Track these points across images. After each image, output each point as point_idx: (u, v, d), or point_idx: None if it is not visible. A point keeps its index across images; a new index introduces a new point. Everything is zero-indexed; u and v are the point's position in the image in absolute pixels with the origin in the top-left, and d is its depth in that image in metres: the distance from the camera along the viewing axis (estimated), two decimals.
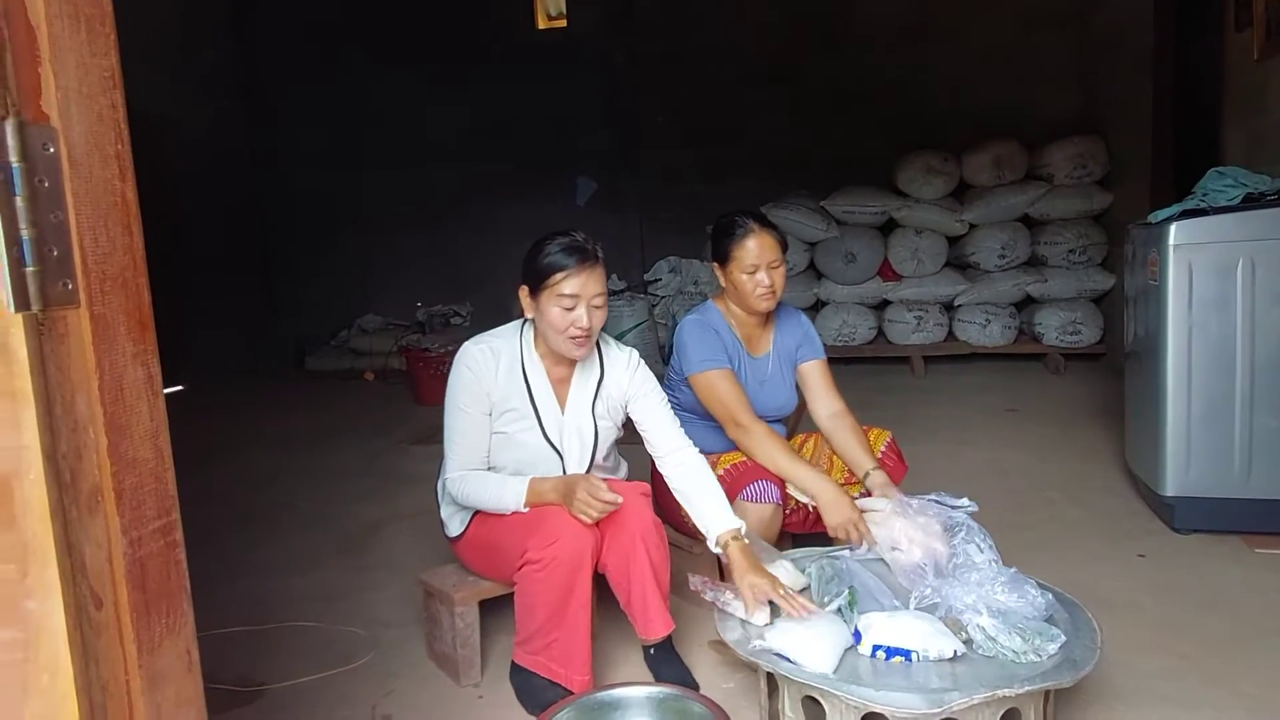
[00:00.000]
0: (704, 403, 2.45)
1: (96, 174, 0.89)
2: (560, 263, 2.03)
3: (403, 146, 7.31)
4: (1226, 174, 3.03)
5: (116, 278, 0.89)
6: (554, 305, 2.03)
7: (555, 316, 2.04)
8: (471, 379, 2.11)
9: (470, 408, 2.12)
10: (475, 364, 2.12)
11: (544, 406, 2.16)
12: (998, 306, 5.97)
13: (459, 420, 2.13)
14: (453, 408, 2.13)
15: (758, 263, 2.41)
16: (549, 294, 2.04)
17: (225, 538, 3.39)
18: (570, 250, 2.04)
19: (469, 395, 2.12)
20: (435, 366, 5.80)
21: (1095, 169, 5.82)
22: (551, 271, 2.03)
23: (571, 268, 2.02)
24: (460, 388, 2.12)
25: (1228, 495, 2.87)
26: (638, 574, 2.04)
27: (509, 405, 2.13)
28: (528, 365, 2.16)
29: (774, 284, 2.43)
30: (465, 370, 2.12)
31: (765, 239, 2.42)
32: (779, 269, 2.44)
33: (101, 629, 0.87)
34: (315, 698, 2.20)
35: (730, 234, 2.45)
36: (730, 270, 2.46)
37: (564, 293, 2.02)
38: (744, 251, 2.42)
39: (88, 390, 0.86)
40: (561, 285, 2.02)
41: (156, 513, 0.92)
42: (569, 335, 2.05)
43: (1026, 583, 1.82)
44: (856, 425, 2.48)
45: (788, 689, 1.76)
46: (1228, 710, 1.94)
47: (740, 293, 2.46)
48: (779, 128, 6.80)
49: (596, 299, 2.05)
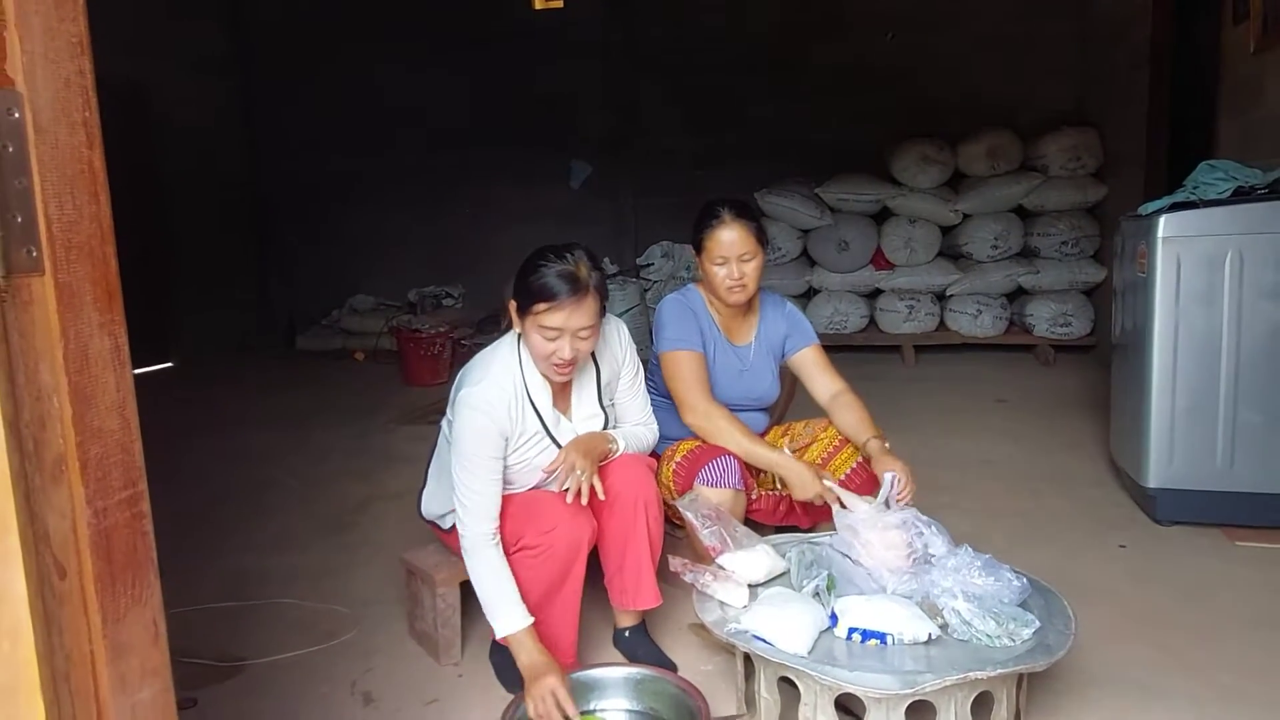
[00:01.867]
0: (666, 381, 2.42)
1: (63, 140, 0.88)
2: (546, 292, 1.86)
3: (397, 127, 7.27)
4: (1218, 167, 3.02)
5: (83, 246, 0.89)
6: (538, 335, 1.91)
7: (537, 344, 1.92)
8: (488, 425, 1.93)
9: (486, 456, 1.94)
10: (487, 405, 1.94)
11: (552, 423, 2.06)
12: (989, 297, 5.97)
13: (473, 472, 1.93)
14: (467, 457, 1.94)
15: (727, 255, 2.36)
16: (533, 320, 1.90)
17: (211, 514, 3.39)
18: (562, 277, 1.86)
19: (485, 444, 1.94)
20: (426, 347, 5.79)
21: (1090, 161, 5.81)
22: (539, 298, 1.88)
23: (559, 299, 1.86)
24: (474, 437, 1.93)
25: (1210, 488, 2.88)
26: (635, 543, 2.05)
27: (525, 437, 2.02)
28: (531, 388, 2.02)
29: (744, 277, 2.37)
30: (481, 418, 1.93)
31: (738, 231, 2.36)
32: (751, 262, 2.38)
33: (65, 598, 0.87)
34: (295, 674, 2.21)
35: (705, 223, 2.40)
36: (703, 260, 2.42)
37: (547, 325, 1.88)
38: (715, 243, 2.37)
39: (51, 359, 0.85)
40: (544, 317, 1.87)
41: (123, 483, 0.91)
42: (551, 364, 1.94)
43: (1001, 567, 1.83)
44: (857, 400, 2.45)
45: (764, 670, 1.77)
46: (1202, 699, 1.96)
47: (711, 282, 2.43)
48: (776, 113, 6.78)
49: (583, 331, 1.90)
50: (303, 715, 2.02)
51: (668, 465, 2.36)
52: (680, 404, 2.39)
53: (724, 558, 2.02)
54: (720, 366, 2.50)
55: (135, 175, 6.12)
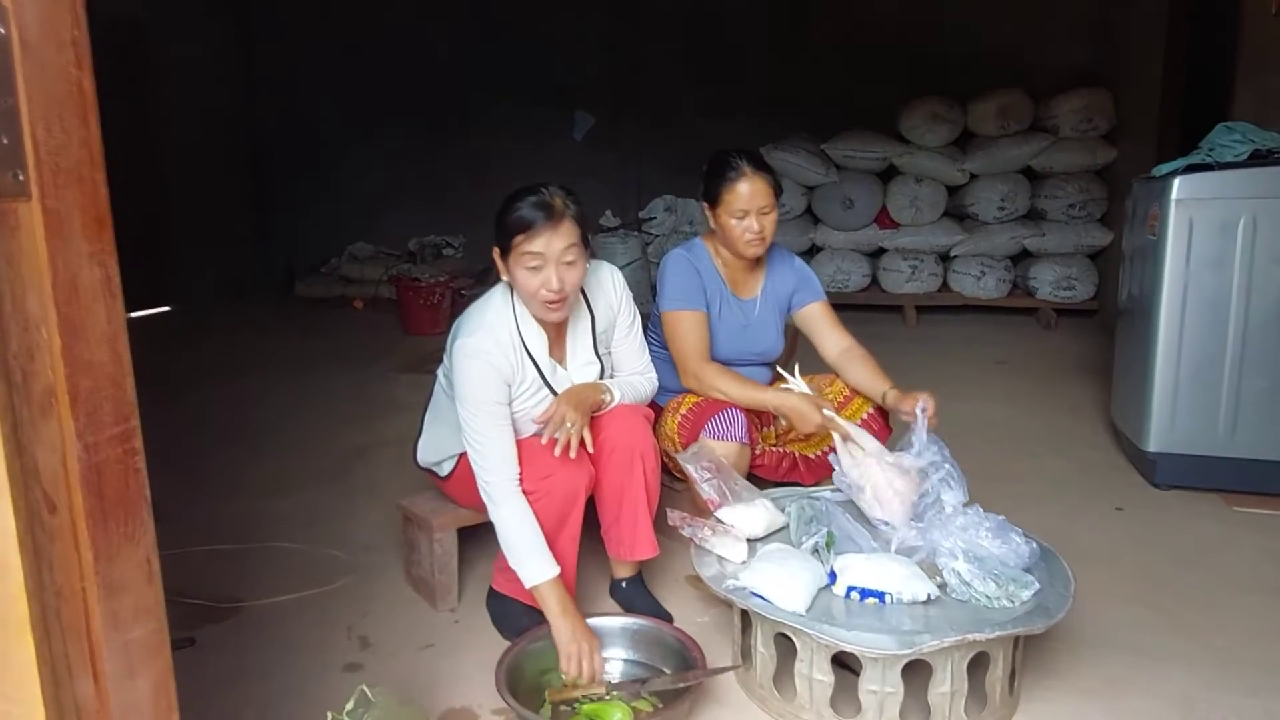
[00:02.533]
0: (667, 340, 2.41)
1: (50, 60, 0.84)
2: (522, 222, 1.87)
3: (400, 75, 7.13)
4: (1235, 129, 2.96)
5: (71, 171, 0.85)
6: (521, 267, 1.89)
7: (524, 281, 1.90)
8: (489, 371, 1.93)
9: (491, 402, 1.93)
10: (485, 354, 1.93)
11: (549, 372, 2.05)
12: (994, 259, 5.92)
13: (482, 421, 1.92)
14: (475, 405, 1.93)
15: (748, 208, 2.32)
16: (515, 255, 1.89)
17: (211, 459, 3.38)
18: (536, 206, 1.87)
19: (489, 389, 1.93)
20: (425, 296, 5.75)
21: (1101, 123, 5.72)
22: (516, 230, 1.87)
23: (536, 225, 1.85)
24: (477, 384, 1.93)
25: (1210, 453, 2.88)
26: (631, 493, 2.04)
27: (523, 385, 2.01)
28: (526, 337, 2.01)
29: (763, 230, 2.34)
30: (483, 365, 1.93)
31: (758, 183, 2.32)
32: (770, 214, 2.35)
33: (56, 534, 0.85)
34: (292, 617, 2.21)
35: (722, 175, 2.35)
36: (719, 213, 2.37)
37: (528, 250, 1.87)
38: (734, 195, 2.32)
39: (40, 288, 0.82)
40: (524, 245, 1.87)
41: (114, 419, 0.89)
42: (541, 299, 1.91)
43: (1012, 530, 1.82)
44: (868, 354, 2.43)
45: (760, 626, 1.77)
46: (1196, 662, 1.96)
47: (728, 236, 2.38)
48: (782, 67, 6.65)
49: (567, 255, 1.89)
50: (300, 657, 2.03)
51: (673, 417, 2.34)
52: (679, 368, 2.39)
53: (723, 511, 2.01)
54: (725, 321, 2.47)
55: (133, 117, 6.01)
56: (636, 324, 2.23)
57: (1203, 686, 1.87)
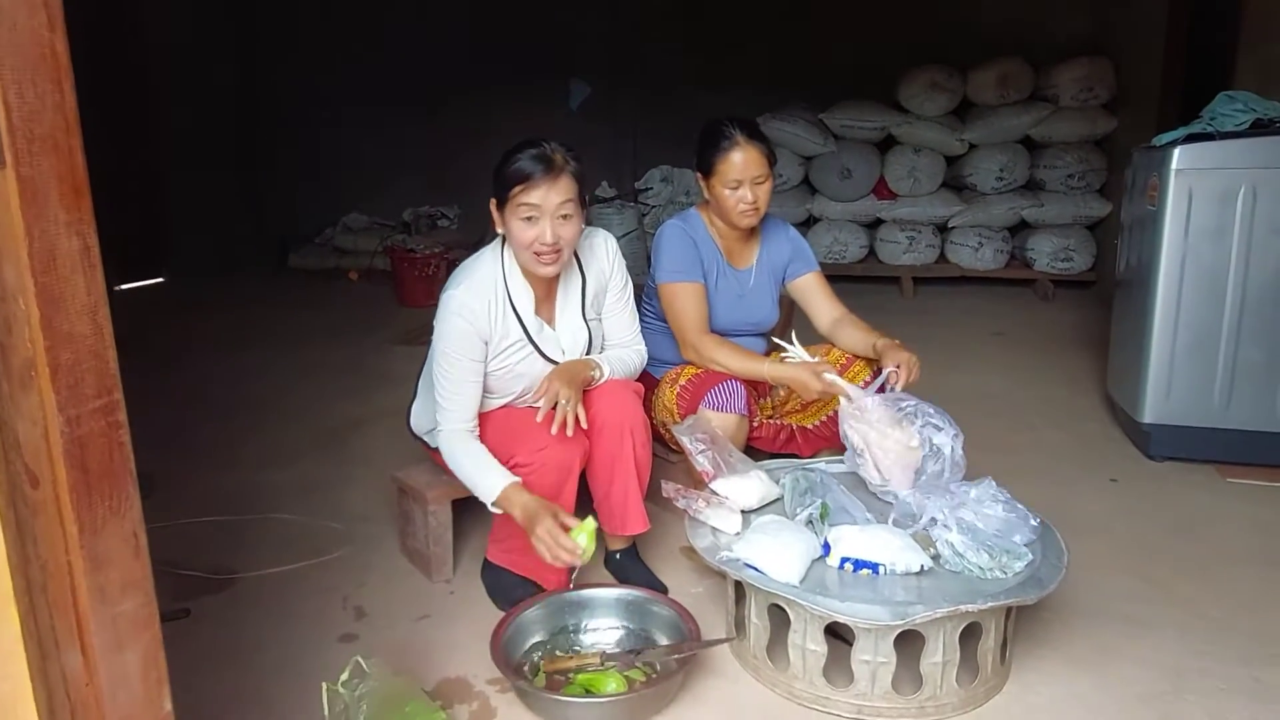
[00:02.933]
0: (665, 312, 2.40)
1: (21, 22, 0.81)
2: (520, 173, 1.89)
3: (395, 45, 7.02)
4: (1237, 98, 2.93)
5: (46, 138, 0.83)
6: (517, 219, 1.91)
7: (519, 232, 1.92)
8: (467, 328, 1.95)
9: (465, 358, 1.97)
10: (468, 311, 1.96)
11: (535, 330, 2.06)
12: (991, 230, 5.89)
13: (453, 372, 1.97)
14: (445, 359, 1.97)
15: (741, 178, 2.30)
16: (512, 206, 1.91)
17: (206, 430, 3.37)
18: (535, 159, 1.89)
19: (465, 345, 1.96)
20: (420, 268, 5.72)
21: (1102, 92, 5.66)
22: (514, 182, 1.89)
23: (534, 177, 1.88)
24: (454, 338, 1.96)
25: (1204, 425, 2.88)
26: (622, 469, 2.04)
27: (506, 341, 2.02)
28: (513, 292, 2.02)
29: (757, 200, 2.32)
30: (458, 320, 1.95)
31: (751, 153, 2.29)
32: (764, 184, 2.32)
33: (39, 508, 0.84)
34: (288, 588, 2.22)
35: (715, 144, 2.32)
36: (713, 183, 2.35)
37: (525, 202, 1.89)
38: (728, 165, 2.30)
39: (16, 258, 0.80)
40: (521, 196, 1.89)
41: (96, 391, 0.87)
42: (534, 251, 1.92)
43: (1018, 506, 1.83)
44: (858, 320, 2.44)
45: (754, 597, 1.77)
46: (1188, 631, 1.98)
47: (722, 206, 2.36)
48: (780, 37, 6.56)
49: (563, 209, 1.91)
50: (295, 628, 2.04)
51: (671, 389, 2.33)
52: (678, 340, 2.38)
53: (718, 483, 2.01)
54: (721, 291, 2.46)
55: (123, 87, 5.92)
56: (628, 293, 2.23)
57: (1194, 655, 1.88)
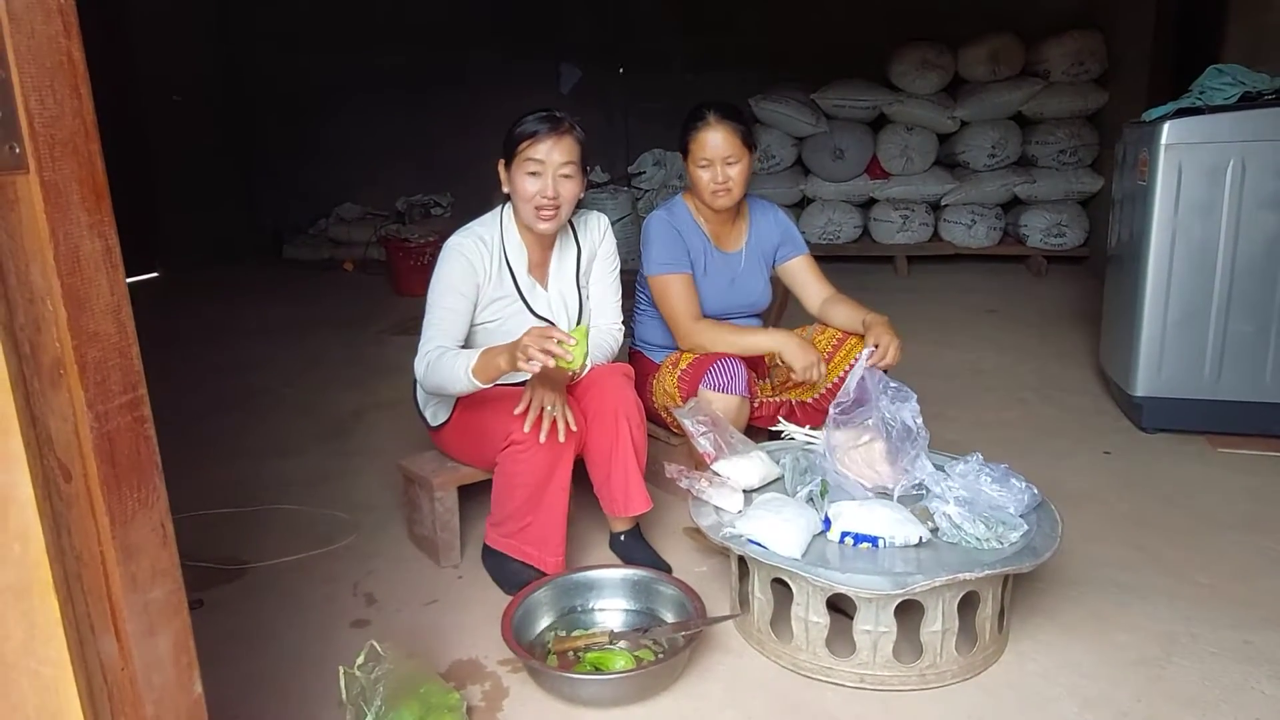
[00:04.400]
0: (657, 304, 2.45)
1: (39, 30, 0.84)
2: (529, 130, 2.03)
3: (383, 30, 7.00)
4: (1226, 72, 2.96)
5: (67, 143, 0.85)
6: (522, 173, 2.03)
7: (522, 186, 2.04)
8: (466, 266, 2.07)
9: (455, 291, 2.07)
10: (469, 252, 2.08)
11: (527, 288, 2.17)
12: (984, 207, 5.92)
13: (444, 302, 2.06)
14: (438, 293, 2.07)
15: (711, 158, 2.33)
16: (518, 162, 2.04)
17: (205, 422, 3.40)
18: (542, 119, 2.04)
19: (461, 280, 2.07)
20: (415, 257, 5.73)
21: (1093, 67, 5.68)
22: (521, 139, 2.03)
23: (540, 134, 2.02)
24: (453, 274, 2.07)
25: (1196, 396, 2.93)
26: (620, 453, 2.08)
27: (498, 294, 2.13)
28: (509, 249, 2.15)
29: (729, 181, 2.34)
30: (459, 258, 2.08)
31: (722, 133, 2.32)
32: (736, 165, 2.35)
33: (72, 501, 0.87)
34: (298, 576, 2.26)
35: (690, 125, 2.37)
36: (688, 164, 2.40)
37: (530, 157, 2.02)
38: (699, 145, 2.34)
39: (42, 261, 0.83)
40: (528, 150, 2.02)
41: (122, 387, 0.91)
42: (535, 205, 2.04)
43: (1014, 477, 1.87)
44: (848, 298, 2.47)
45: (758, 572, 1.82)
46: (1180, 598, 2.03)
47: (696, 186, 2.40)
48: (772, 17, 6.55)
49: (565, 168, 2.03)
50: (308, 615, 2.08)
51: (671, 374, 2.37)
52: (672, 332, 2.43)
53: (719, 464, 2.05)
54: (711, 276, 2.49)
55: (113, 79, 5.90)
56: (615, 272, 2.31)
57: (1184, 621, 1.93)
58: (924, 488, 1.90)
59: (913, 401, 1.99)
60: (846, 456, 1.99)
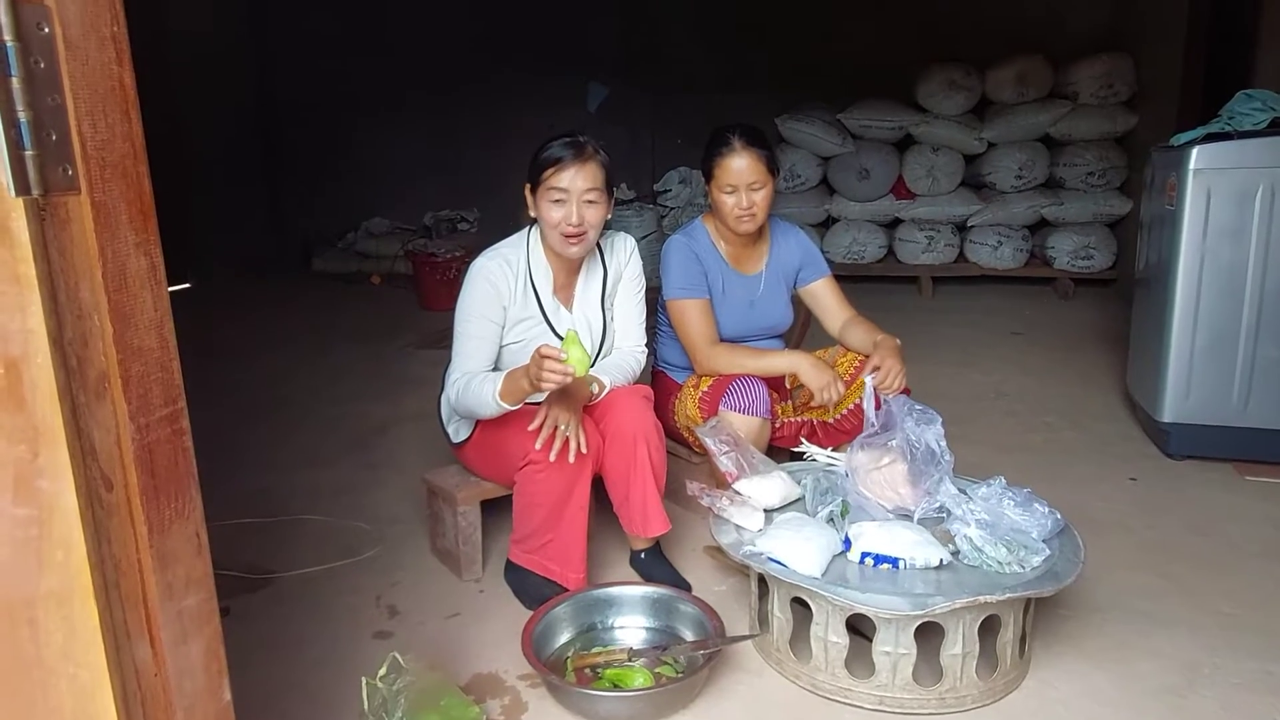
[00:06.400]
0: (675, 328, 2.47)
1: (93, 57, 0.87)
2: (553, 156, 2.05)
3: (412, 47, 7.11)
4: (1255, 97, 2.94)
5: (117, 165, 0.89)
6: (546, 200, 2.06)
7: (547, 212, 2.07)
8: (490, 290, 2.11)
9: (483, 317, 2.11)
10: (494, 276, 2.12)
11: (551, 310, 2.19)
12: (1011, 228, 5.89)
13: (470, 329, 2.11)
14: (465, 318, 2.11)
15: (736, 183, 2.34)
16: (543, 189, 2.07)
17: (234, 433, 3.46)
18: (566, 145, 2.06)
19: (486, 305, 2.11)
20: (441, 272, 5.80)
21: (1122, 89, 5.65)
22: (545, 166, 2.06)
23: (564, 161, 2.04)
24: (477, 299, 2.11)
25: (1224, 423, 2.89)
26: (638, 474, 2.09)
27: (524, 315, 2.16)
28: (534, 271, 2.18)
29: (754, 206, 2.36)
30: (484, 283, 2.11)
31: (748, 158, 2.33)
32: (761, 190, 2.36)
33: (113, 510, 0.90)
34: (322, 587, 2.29)
35: (714, 150, 2.38)
36: (712, 188, 2.41)
37: (555, 186, 2.04)
38: (724, 170, 2.35)
39: (91, 278, 0.86)
40: (552, 179, 2.04)
41: (163, 401, 0.94)
42: (561, 232, 2.07)
43: (1037, 502, 1.86)
44: (865, 320, 2.48)
45: (778, 590, 1.82)
46: (1203, 627, 2.00)
47: (720, 211, 2.42)
48: (798, 37, 6.59)
49: (589, 194, 2.06)
50: (331, 625, 2.10)
51: (692, 395, 2.39)
52: (690, 357, 2.45)
53: (740, 483, 2.06)
54: (730, 299, 2.50)
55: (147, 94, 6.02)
56: (640, 295, 2.33)
57: (1207, 651, 1.91)
58: (945, 510, 1.90)
59: (938, 425, 1.99)
60: (869, 478, 1.99)
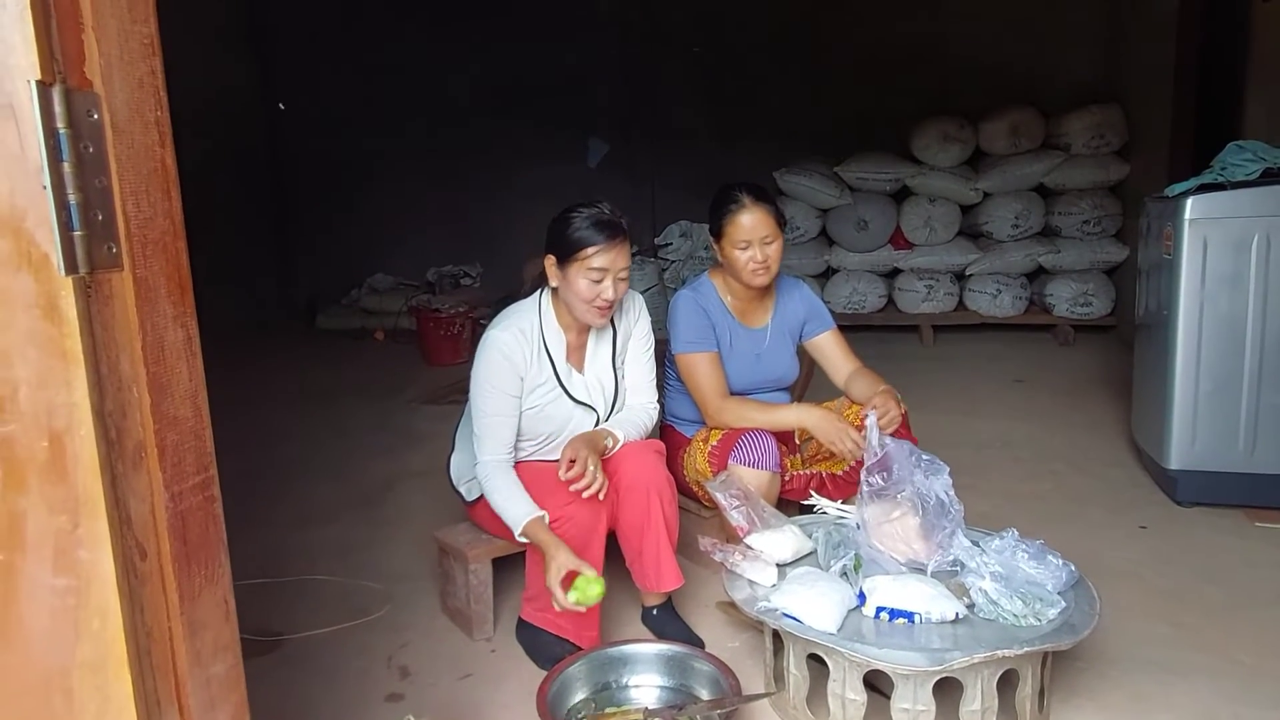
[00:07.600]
0: (684, 382, 2.50)
1: (138, 140, 0.91)
2: (591, 238, 2.06)
3: (415, 103, 7.26)
4: (1246, 148, 3.01)
5: (157, 242, 0.92)
6: (582, 278, 2.07)
7: (583, 288, 2.08)
8: (506, 365, 2.11)
9: (501, 391, 2.11)
10: (508, 348, 2.12)
11: (565, 374, 2.20)
12: (1009, 276, 5.95)
13: (490, 406, 2.11)
14: (483, 394, 2.12)
15: (749, 239, 2.40)
16: (578, 267, 2.07)
17: (241, 491, 3.44)
18: (600, 225, 2.07)
19: (503, 379, 2.11)
20: (445, 327, 5.84)
21: (1113, 139, 5.76)
22: (582, 245, 2.06)
23: (602, 243, 2.06)
24: (493, 373, 2.11)
25: (1230, 469, 2.90)
26: (651, 529, 2.10)
27: (539, 382, 2.17)
28: (548, 337, 2.18)
29: (767, 259, 2.41)
30: (499, 357, 2.11)
31: (758, 214, 2.39)
32: (773, 244, 2.42)
33: (146, 578, 0.91)
34: (333, 648, 2.27)
35: (724, 208, 2.44)
36: (724, 245, 2.45)
37: (594, 266, 2.06)
38: (735, 227, 2.41)
39: (131, 350, 0.89)
40: (592, 259, 2.06)
41: (196, 469, 0.96)
42: (595, 305, 2.10)
43: (1050, 554, 1.86)
44: (869, 371, 2.51)
45: (793, 646, 1.81)
46: (1220, 677, 1.99)
47: (734, 267, 2.46)
48: (795, 90, 6.74)
49: (623, 272, 2.10)
50: (342, 688, 2.09)
51: (702, 450, 2.40)
52: (701, 410, 2.47)
53: (752, 538, 2.06)
54: (737, 353, 2.53)
55: None
56: (650, 351, 2.35)
57: (1225, 700, 1.90)
58: (959, 563, 1.90)
59: (945, 475, 2.00)
60: (880, 530, 2.00)
